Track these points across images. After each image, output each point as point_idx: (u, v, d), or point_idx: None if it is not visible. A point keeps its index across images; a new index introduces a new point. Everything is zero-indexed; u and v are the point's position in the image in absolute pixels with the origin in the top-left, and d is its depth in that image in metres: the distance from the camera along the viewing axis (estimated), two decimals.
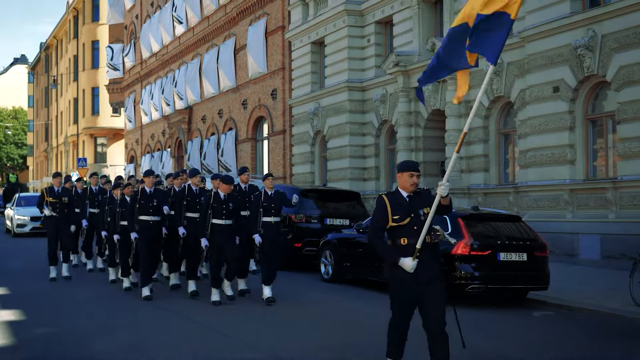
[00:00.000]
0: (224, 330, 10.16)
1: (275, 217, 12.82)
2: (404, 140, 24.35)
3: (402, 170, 7.01)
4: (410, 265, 6.65)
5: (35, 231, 27.91)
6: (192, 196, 13.83)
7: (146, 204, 13.06)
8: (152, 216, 13.09)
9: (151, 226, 13.09)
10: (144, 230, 13.06)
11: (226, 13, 37.82)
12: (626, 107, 16.91)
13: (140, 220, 13.07)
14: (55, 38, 79.72)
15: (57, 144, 78.50)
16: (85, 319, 11.14)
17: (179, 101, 43.84)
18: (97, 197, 17.13)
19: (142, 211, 13.07)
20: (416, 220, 6.80)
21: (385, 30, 26.88)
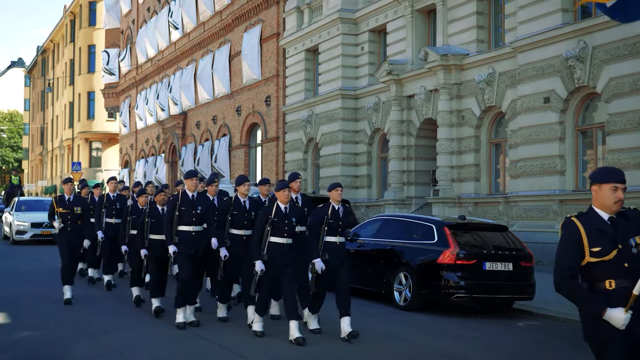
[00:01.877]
0: (205, 335, 10.15)
1: (340, 236, 10.32)
2: (396, 148, 24.39)
3: (602, 181, 4.94)
4: (622, 319, 4.74)
5: (37, 239, 26.62)
6: (240, 209, 11.00)
7: (188, 212, 10.97)
8: (195, 226, 11.05)
9: (194, 238, 11.01)
10: (186, 244, 10.93)
11: (222, 19, 37.88)
12: (616, 119, 16.97)
13: (180, 231, 10.94)
14: (52, 42, 79.76)
15: (52, 147, 78.46)
16: (70, 323, 11.12)
17: (174, 106, 43.86)
18: (115, 204, 15.36)
19: (183, 220, 10.96)
20: (626, 253, 4.86)
21: (379, 38, 26.95)
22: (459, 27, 22.29)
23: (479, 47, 21.69)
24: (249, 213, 10.94)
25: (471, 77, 21.62)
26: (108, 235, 15.19)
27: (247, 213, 10.95)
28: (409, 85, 24.05)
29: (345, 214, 10.43)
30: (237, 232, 10.99)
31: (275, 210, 9.90)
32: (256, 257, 9.84)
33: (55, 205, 13.28)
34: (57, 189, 68.37)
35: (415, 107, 24.03)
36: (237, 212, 10.93)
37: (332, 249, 10.19)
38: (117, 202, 15.45)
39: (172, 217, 10.93)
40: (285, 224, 9.96)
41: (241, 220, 10.94)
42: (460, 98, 22.06)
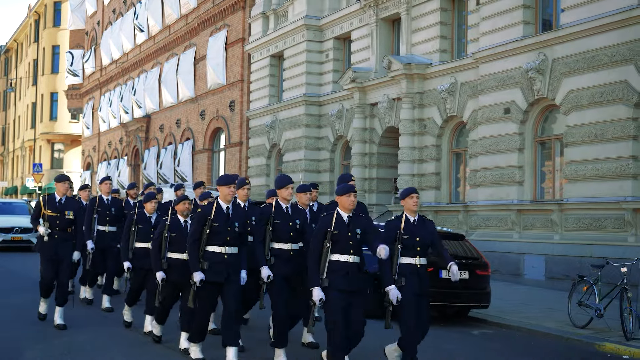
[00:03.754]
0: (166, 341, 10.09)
1: (421, 257, 8.35)
2: (359, 156, 24.49)
3: None
4: None
5: (6, 245, 24.05)
6: (283, 217, 9.06)
7: (222, 228, 8.47)
8: (229, 247, 8.53)
9: (227, 262, 8.51)
10: (217, 267, 8.45)
11: (187, 23, 37.78)
12: (573, 131, 17.21)
13: (208, 252, 8.48)
14: (15, 41, 78.87)
15: (13, 148, 77.51)
16: (22, 326, 11.00)
17: (138, 109, 43.62)
18: (110, 210, 13.13)
19: (215, 239, 8.47)
20: None
21: (343, 46, 27.07)
22: (423, 36, 22.46)
23: (441, 57, 21.87)
24: (294, 222, 9.01)
25: (433, 86, 21.79)
26: (99, 245, 12.91)
27: (292, 222, 9.00)
28: (372, 93, 24.18)
29: (428, 228, 8.41)
30: (283, 247, 9.00)
31: (335, 220, 7.93)
32: (314, 283, 7.88)
33: (42, 207, 10.94)
34: (18, 190, 67.56)
35: (378, 115, 24.15)
36: (280, 221, 8.97)
37: (411, 273, 8.18)
38: (112, 206, 13.22)
39: (200, 235, 8.47)
40: (349, 237, 7.96)
41: (286, 231, 8.99)
42: (422, 107, 22.22)
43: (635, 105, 15.87)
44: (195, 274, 8.37)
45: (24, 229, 23.91)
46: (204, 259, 8.41)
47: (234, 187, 8.62)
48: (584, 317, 12.17)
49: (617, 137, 16.20)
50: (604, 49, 16.46)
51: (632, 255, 13.98)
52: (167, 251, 9.40)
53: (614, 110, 16.26)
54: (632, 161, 15.87)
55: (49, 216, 10.89)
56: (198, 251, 8.42)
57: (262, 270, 8.72)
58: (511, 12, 18.93)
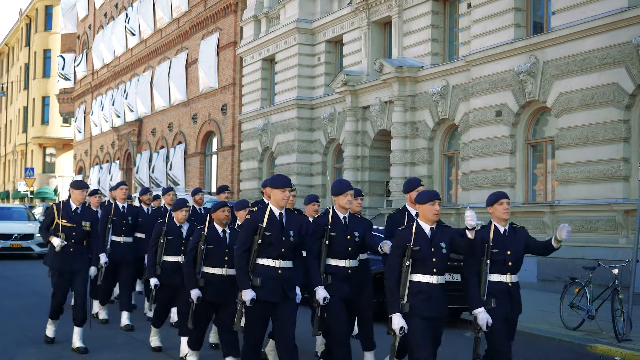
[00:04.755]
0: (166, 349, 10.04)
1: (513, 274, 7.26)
2: (351, 159, 24.51)
3: None
4: None
5: (4, 252, 22.91)
6: (340, 229, 7.95)
7: (276, 238, 7.16)
8: (283, 260, 7.20)
9: (282, 278, 7.19)
10: (270, 284, 7.14)
11: (179, 26, 37.76)
12: (565, 133, 17.25)
13: (260, 266, 7.17)
14: (6, 45, 78.67)
15: (5, 152, 77.29)
16: (16, 332, 10.95)
17: (129, 113, 43.58)
18: (127, 218, 11.86)
19: (268, 251, 7.17)
20: None
21: (335, 49, 27.09)
22: (414, 39, 22.50)
23: (433, 60, 21.90)
24: (352, 235, 7.91)
25: (425, 89, 21.82)
26: (113, 258, 11.59)
27: (351, 235, 7.91)
28: (364, 97, 24.20)
29: (518, 236, 7.37)
30: (340, 264, 7.89)
31: (415, 233, 6.70)
32: (394, 309, 6.64)
33: (56, 215, 9.67)
34: (10, 194, 67.35)
35: (370, 118, 24.18)
36: (338, 233, 7.87)
37: (502, 293, 7.05)
38: (128, 215, 11.93)
39: (250, 247, 7.19)
40: (432, 254, 6.77)
41: (344, 245, 7.88)
42: (414, 110, 22.25)
43: (626, 108, 15.92)
44: (244, 292, 7.01)
45: (23, 235, 23.17)
46: (254, 275, 7.09)
47: (289, 191, 7.25)
48: (576, 319, 12.19)
49: (608, 139, 16.24)
50: (595, 51, 16.51)
51: (623, 257, 14.01)
52: (203, 265, 8.13)
53: (605, 113, 16.31)
54: (623, 163, 15.92)
55: (63, 226, 9.60)
56: (248, 265, 7.12)
57: (318, 291, 7.47)
58: (502, 15, 18.98)
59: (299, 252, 7.48)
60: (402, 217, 7.97)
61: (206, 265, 8.16)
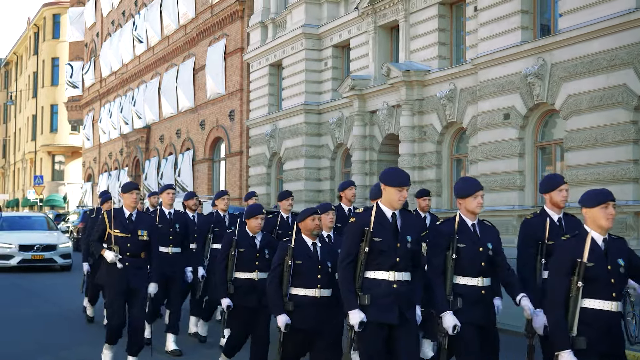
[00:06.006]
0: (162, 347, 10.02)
1: None
2: (359, 163, 24.48)
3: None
4: None
5: (25, 264, 21.35)
6: (470, 239, 6.32)
7: (390, 245, 5.93)
8: (399, 272, 5.96)
9: (397, 294, 5.94)
10: (384, 302, 5.90)
11: (186, 33, 37.83)
12: (574, 135, 17.19)
13: (369, 280, 5.97)
14: (15, 54, 79.02)
15: (14, 160, 77.58)
16: (28, 338, 11.00)
17: (138, 120, 43.67)
18: (174, 226, 10.44)
19: (378, 262, 5.94)
20: None
21: (342, 54, 27.08)
22: (421, 43, 22.47)
23: (440, 63, 21.87)
24: (485, 247, 6.22)
25: (433, 93, 21.78)
26: (163, 272, 9.56)
27: (483, 247, 6.24)
28: (372, 101, 24.18)
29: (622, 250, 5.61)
30: (471, 283, 6.21)
31: (590, 247, 5.41)
32: (562, 345, 5.28)
33: (107, 224, 8.51)
34: (20, 202, 67.57)
35: (377, 122, 24.15)
36: (468, 245, 6.24)
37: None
38: (176, 222, 10.52)
39: (355, 258, 6.00)
40: (610, 274, 5.45)
41: (477, 260, 6.19)
42: (422, 114, 22.21)
43: (635, 109, 15.85)
44: (352, 314, 5.75)
45: (45, 246, 21.64)
46: (363, 291, 5.85)
47: (407, 190, 5.94)
48: None
49: (617, 141, 16.18)
50: (603, 53, 16.45)
51: None
52: (290, 286, 6.73)
53: (614, 114, 16.25)
54: (632, 165, 15.85)
55: (116, 237, 8.42)
56: (355, 280, 5.87)
57: (445, 317, 5.95)
58: (509, 18, 18.94)
59: (418, 262, 6.11)
60: (541, 222, 6.69)
61: (295, 285, 6.72)
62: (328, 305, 6.66)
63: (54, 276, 20.49)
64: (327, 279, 6.64)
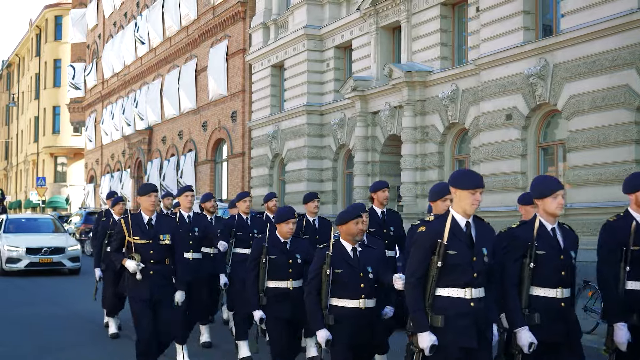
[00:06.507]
0: None
1: None
2: (361, 164, 24.48)
3: None
4: None
5: (33, 268, 20.91)
6: (549, 245, 5.70)
7: (465, 258, 5.17)
8: (475, 288, 5.19)
9: (475, 314, 5.20)
10: (460, 323, 5.19)
11: (188, 34, 37.85)
12: (576, 136, 17.18)
13: (442, 298, 5.21)
14: (17, 56, 79.09)
15: (16, 162, 77.64)
16: (33, 339, 11.03)
17: (140, 121, 43.71)
18: (193, 230, 9.97)
19: (451, 278, 5.18)
20: None
21: (344, 55, 27.09)
22: (423, 44, 22.47)
23: (442, 64, 21.87)
24: (567, 255, 5.66)
25: (435, 93, 21.78)
26: None
27: (565, 255, 5.64)
28: (374, 102, 24.18)
29: None
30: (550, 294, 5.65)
31: None
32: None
33: (126, 232, 7.88)
34: (22, 204, 67.65)
35: (379, 123, 24.15)
36: (548, 251, 5.58)
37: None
38: (195, 225, 10.05)
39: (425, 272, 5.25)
40: None
41: (556, 269, 5.62)
42: (424, 114, 22.21)
43: (637, 109, 15.84)
44: (422, 337, 5.05)
45: (53, 249, 21.21)
46: (435, 312, 5.12)
47: (481, 194, 5.23)
48: (590, 323, 12.10)
49: (619, 141, 16.17)
50: (605, 53, 16.44)
51: None
52: (330, 297, 6.13)
53: (616, 115, 16.23)
54: (635, 165, 15.82)
55: (137, 245, 7.81)
56: (424, 299, 5.17)
57: (521, 334, 5.40)
58: (511, 18, 18.93)
59: (494, 276, 5.41)
60: (626, 225, 6.07)
61: (335, 296, 6.11)
62: (372, 317, 6.14)
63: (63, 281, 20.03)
64: (371, 288, 6.09)
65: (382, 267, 6.31)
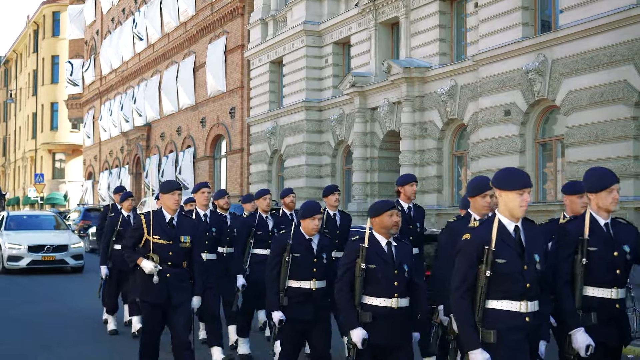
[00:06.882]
0: None
1: None
2: (360, 160, 24.51)
3: None
4: None
5: (35, 266, 20.18)
6: (603, 240, 5.38)
7: (516, 267, 4.72)
8: (530, 301, 4.78)
9: (529, 325, 4.80)
10: (515, 337, 4.77)
11: (186, 30, 37.84)
12: (574, 131, 17.22)
13: (494, 312, 4.78)
14: (14, 52, 79.01)
15: (14, 159, 77.61)
16: (31, 337, 11.03)
17: (138, 118, 43.70)
18: (210, 230, 9.29)
19: (503, 289, 4.76)
20: None
21: (343, 51, 27.11)
22: (422, 40, 22.50)
23: (441, 60, 21.90)
24: (621, 250, 5.35)
25: (433, 89, 21.81)
26: None
27: (619, 250, 5.33)
28: (373, 98, 24.21)
29: None
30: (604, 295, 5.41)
31: None
32: None
33: (145, 230, 7.32)
34: (20, 200, 67.62)
35: (378, 119, 24.18)
36: (600, 248, 5.31)
37: None
38: (212, 225, 9.38)
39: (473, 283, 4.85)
40: None
41: (610, 267, 5.34)
42: (422, 110, 22.24)
43: (635, 105, 15.89)
44: (474, 354, 4.65)
45: (56, 246, 20.46)
46: (486, 326, 4.70)
47: (528, 193, 4.85)
48: None
49: (617, 136, 16.21)
50: (603, 49, 16.48)
51: None
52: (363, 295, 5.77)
53: (614, 110, 16.28)
54: (633, 161, 15.88)
55: (155, 244, 7.26)
56: (474, 313, 4.73)
57: (577, 336, 5.15)
58: (510, 14, 18.96)
59: (546, 284, 4.97)
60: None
61: (369, 294, 5.72)
62: (405, 317, 5.74)
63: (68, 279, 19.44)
64: (405, 287, 5.69)
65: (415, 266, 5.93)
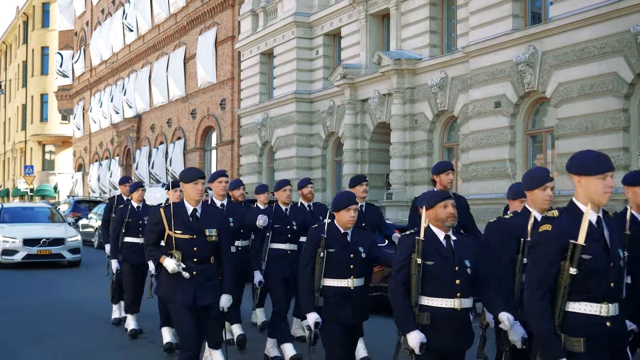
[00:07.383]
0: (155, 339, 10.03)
1: None
2: (350, 152, 24.51)
3: None
4: None
5: (31, 260, 19.40)
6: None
7: (601, 262, 4.14)
8: (612, 304, 4.21)
9: (610, 334, 4.23)
10: (596, 344, 4.17)
11: (177, 22, 37.73)
12: (564, 123, 17.25)
13: (575, 315, 4.19)
14: (4, 43, 78.59)
15: (4, 150, 77.29)
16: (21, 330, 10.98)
17: (128, 109, 43.59)
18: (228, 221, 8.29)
19: (588, 289, 4.17)
20: None
21: (333, 42, 27.07)
22: (412, 32, 22.49)
23: (431, 51, 21.89)
24: None
25: (424, 81, 21.81)
26: None
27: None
28: (363, 89, 24.20)
29: None
30: None
31: None
32: None
33: (166, 224, 6.54)
34: (10, 192, 67.38)
35: (369, 111, 24.17)
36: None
37: None
38: (230, 215, 8.89)
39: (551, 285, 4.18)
40: None
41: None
42: (413, 102, 22.25)
43: (625, 97, 15.93)
44: None
45: (52, 240, 19.68)
46: (567, 332, 4.15)
47: (611, 177, 4.31)
48: None
49: (607, 128, 16.25)
50: (593, 40, 16.50)
51: None
52: (421, 295, 5.08)
53: (604, 102, 16.32)
54: (623, 152, 15.93)
55: (178, 240, 6.48)
56: (553, 316, 4.21)
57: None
58: (500, 6, 18.96)
59: None
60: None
61: (427, 294, 5.05)
62: (467, 319, 5.13)
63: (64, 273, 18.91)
64: (468, 285, 5.07)
65: None
